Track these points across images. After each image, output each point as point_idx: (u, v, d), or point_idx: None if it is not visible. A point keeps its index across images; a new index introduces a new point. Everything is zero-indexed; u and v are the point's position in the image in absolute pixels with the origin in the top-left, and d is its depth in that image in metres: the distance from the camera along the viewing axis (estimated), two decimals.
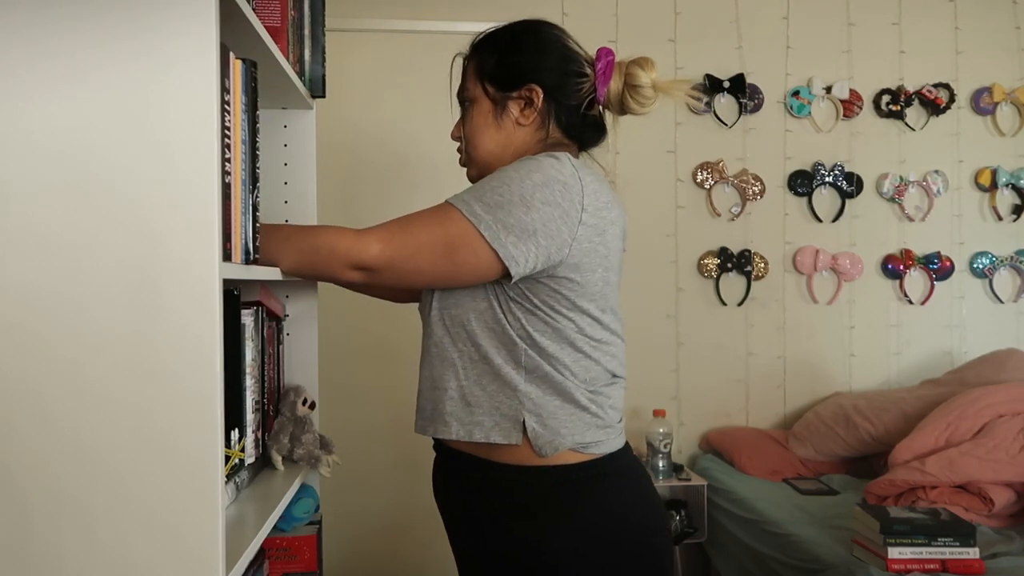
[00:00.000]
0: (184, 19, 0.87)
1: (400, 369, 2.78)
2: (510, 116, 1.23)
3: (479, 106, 1.24)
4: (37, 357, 0.87)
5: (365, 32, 2.77)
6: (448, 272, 1.12)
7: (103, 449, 0.87)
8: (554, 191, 1.10)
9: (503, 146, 1.24)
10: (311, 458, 1.45)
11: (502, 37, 1.26)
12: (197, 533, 0.88)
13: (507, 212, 1.08)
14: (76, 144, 0.86)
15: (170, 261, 0.87)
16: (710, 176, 2.91)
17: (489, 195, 1.10)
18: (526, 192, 1.09)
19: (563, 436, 1.14)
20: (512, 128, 1.23)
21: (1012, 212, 3.03)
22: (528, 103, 1.22)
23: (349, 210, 2.73)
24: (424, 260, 1.12)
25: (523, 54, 1.23)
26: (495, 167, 1.22)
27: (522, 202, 1.09)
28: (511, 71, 1.22)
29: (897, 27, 2.99)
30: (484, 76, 1.24)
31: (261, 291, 1.42)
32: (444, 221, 1.11)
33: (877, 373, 2.99)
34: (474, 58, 1.27)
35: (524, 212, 1.08)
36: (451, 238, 1.10)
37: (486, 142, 1.24)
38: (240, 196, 1.08)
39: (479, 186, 1.13)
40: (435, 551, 2.81)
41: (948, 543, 1.85)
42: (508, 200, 1.09)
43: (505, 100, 1.23)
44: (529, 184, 1.09)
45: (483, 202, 1.09)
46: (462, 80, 1.29)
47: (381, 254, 1.11)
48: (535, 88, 1.21)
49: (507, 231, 1.08)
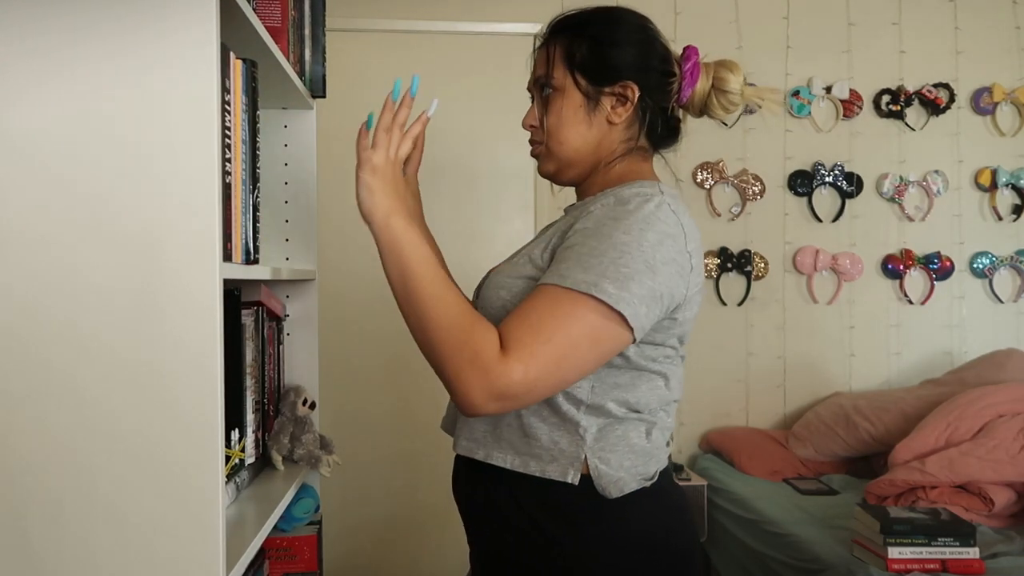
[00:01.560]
0: (184, 19, 0.87)
1: (401, 369, 2.78)
2: (602, 112, 1.12)
3: (568, 98, 1.12)
4: (37, 357, 0.87)
5: (365, 32, 2.77)
6: (592, 368, 1.00)
7: (103, 449, 0.87)
8: (669, 248, 1.00)
9: (592, 144, 1.13)
10: (311, 458, 1.45)
11: (595, 24, 1.14)
12: (197, 533, 0.88)
13: (639, 283, 0.96)
14: (76, 144, 0.86)
15: (170, 261, 0.87)
16: (710, 176, 2.91)
17: (613, 269, 0.96)
18: (648, 256, 0.98)
19: (628, 471, 1.05)
20: (604, 126, 1.13)
21: (1012, 212, 3.03)
22: (621, 100, 1.12)
23: (349, 210, 2.73)
24: (570, 368, 0.97)
25: (620, 47, 1.12)
26: (579, 165, 1.15)
27: (648, 268, 0.97)
28: (607, 64, 1.11)
29: (897, 27, 2.99)
30: (576, 66, 1.12)
31: (261, 291, 1.42)
32: (581, 314, 0.96)
33: (877, 373, 2.99)
34: (559, 43, 1.14)
35: (651, 279, 0.98)
36: (594, 331, 0.97)
37: (574, 138, 1.13)
38: (240, 196, 1.08)
39: (590, 255, 0.97)
40: (435, 551, 2.81)
41: (948, 543, 1.85)
42: (635, 270, 0.96)
43: (598, 95, 1.12)
44: (647, 246, 0.98)
45: (610, 278, 0.95)
46: (545, 66, 1.15)
47: (524, 378, 0.93)
48: (631, 86, 1.11)
49: (640, 303, 0.97)
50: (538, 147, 1.18)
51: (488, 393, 0.94)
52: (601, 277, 0.96)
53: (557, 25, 1.17)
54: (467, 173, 2.78)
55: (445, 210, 2.82)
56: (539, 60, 1.18)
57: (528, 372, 0.93)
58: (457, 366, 0.95)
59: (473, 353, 0.94)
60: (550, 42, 1.16)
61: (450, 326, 0.97)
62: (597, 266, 0.96)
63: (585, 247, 0.99)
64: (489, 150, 2.81)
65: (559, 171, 1.17)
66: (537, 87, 1.17)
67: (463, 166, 2.79)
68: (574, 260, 0.98)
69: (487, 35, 2.79)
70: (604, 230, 0.99)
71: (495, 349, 0.94)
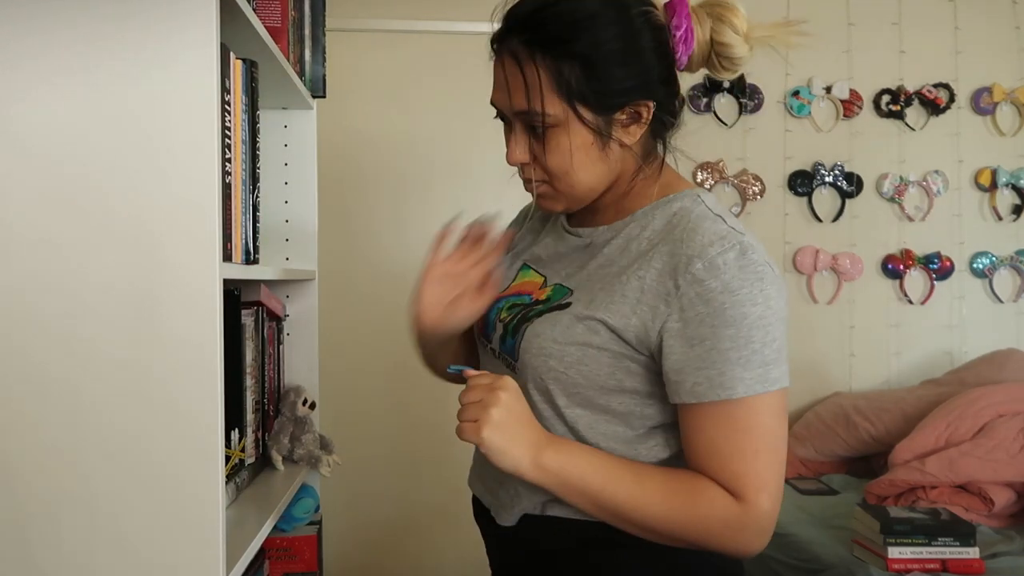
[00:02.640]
0: (184, 19, 0.87)
1: (401, 369, 2.78)
2: (615, 140, 0.94)
3: (571, 134, 0.92)
4: (36, 357, 0.87)
5: (365, 32, 2.77)
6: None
7: (103, 448, 0.87)
8: (779, 285, 0.92)
9: (609, 178, 0.97)
10: (311, 458, 1.45)
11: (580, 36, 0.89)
12: (197, 533, 0.88)
13: (784, 343, 0.92)
14: (76, 144, 0.86)
15: (170, 261, 0.87)
16: (710, 176, 2.91)
17: (769, 349, 0.89)
18: (778, 311, 0.90)
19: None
20: (618, 154, 0.95)
21: (1012, 212, 3.03)
22: (633, 119, 0.94)
23: (350, 210, 2.73)
24: (783, 456, 0.91)
25: (629, 64, 0.91)
26: (591, 196, 0.98)
27: (781, 322, 0.91)
28: (612, 88, 0.91)
29: (897, 27, 2.99)
30: (575, 96, 0.90)
31: (261, 291, 1.42)
32: (766, 412, 0.89)
33: (877, 373, 2.99)
34: (542, 67, 0.90)
35: (785, 327, 0.92)
36: (779, 416, 0.91)
37: (589, 178, 0.95)
38: (240, 196, 1.08)
39: (737, 349, 0.87)
40: (435, 550, 2.81)
41: (948, 543, 1.85)
42: (780, 335, 0.91)
43: (609, 125, 0.93)
44: (774, 302, 0.90)
45: (771, 362, 0.89)
46: (525, 95, 0.91)
47: (771, 501, 0.88)
48: (646, 104, 0.93)
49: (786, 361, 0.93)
50: (541, 186, 0.98)
51: (759, 539, 0.90)
52: (764, 368, 0.88)
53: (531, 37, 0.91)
54: (467, 173, 2.78)
55: (445, 210, 2.82)
56: (514, 85, 0.93)
57: (770, 494, 0.88)
58: (720, 544, 0.90)
59: (723, 526, 0.89)
60: (525, 63, 0.91)
61: (684, 524, 0.90)
62: (752, 357, 0.88)
63: (723, 340, 0.87)
64: (489, 150, 2.80)
65: (569, 207, 1.00)
66: (520, 119, 0.94)
67: (463, 166, 2.79)
68: (722, 361, 0.87)
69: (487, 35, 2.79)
70: (729, 312, 0.87)
71: (732, 505, 0.88)
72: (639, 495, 0.90)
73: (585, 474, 0.90)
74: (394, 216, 2.80)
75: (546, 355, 0.95)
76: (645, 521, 0.90)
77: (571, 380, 0.94)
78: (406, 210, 2.81)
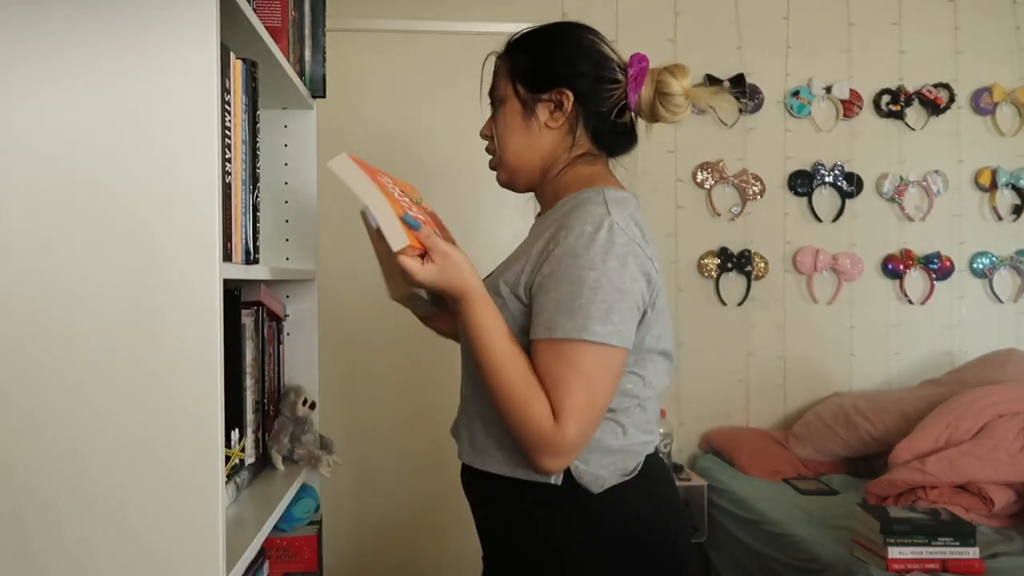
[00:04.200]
0: (184, 19, 0.87)
1: (401, 369, 2.78)
2: (538, 119, 1.21)
3: (509, 107, 1.23)
4: (37, 356, 0.87)
5: (365, 32, 2.77)
6: (615, 389, 1.10)
7: (103, 448, 0.87)
8: (632, 265, 1.08)
9: (531, 150, 1.23)
10: (311, 458, 1.45)
11: (536, 38, 1.25)
12: (197, 533, 0.88)
13: (618, 311, 1.06)
14: (76, 144, 0.86)
15: (170, 261, 0.87)
16: (710, 176, 2.91)
17: (593, 307, 1.05)
18: (617, 283, 1.06)
19: (607, 469, 1.12)
20: (540, 131, 1.22)
21: (1012, 212, 3.03)
22: (558, 106, 1.20)
23: (349, 210, 2.73)
24: (601, 403, 1.07)
25: (555, 57, 1.21)
26: (525, 171, 1.24)
27: (621, 293, 1.06)
28: (542, 73, 1.21)
29: (897, 27, 2.99)
30: (516, 77, 1.23)
31: (261, 291, 1.42)
32: (584, 358, 1.05)
33: (877, 373, 2.99)
34: (508, 58, 1.25)
35: (626, 300, 1.07)
36: (600, 366, 1.06)
37: (515, 144, 1.23)
38: (240, 196, 1.08)
39: (568, 300, 1.06)
40: (435, 551, 2.81)
41: (948, 543, 1.85)
42: (612, 300, 1.05)
43: (535, 102, 1.21)
44: (614, 274, 1.06)
45: (593, 317, 1.04)
46: (494, 79, 1.28)
47: (577, 435, 1.05)
48: (565, 92, 1.19)
49: (623, 324, 1.07)
50: (492, 159, 1.28)
51: (554, 460, 1.06)
52: (586, 319, 1.04)
53: (509, 42, 1.26)
54: (467, 173, 2.78)
55: (445, 210, 2.81)
56: (493, 76, 1.27)
57: (578, 424, 1.04)
58: (524, 442, 1.07)
59: (534, 431, 1.05)
60: (503, 58, 1.26)
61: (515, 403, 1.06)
62: (579, 309, 1.05)
63: (560, 292, 1.06)
64: None
65: (510, 179, 1.27)
66: (491, 101, 1.28)
67: (463, 166, 2.79)
68: (554, 308, 1.06)
69: (487, 35, 2.79)
70: (571, 271, 1.06)
71: (549, 421, 1.04)
72: (510, 357, 1.07)
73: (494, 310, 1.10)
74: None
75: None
76: (500, 378, 1.07)
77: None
78: None
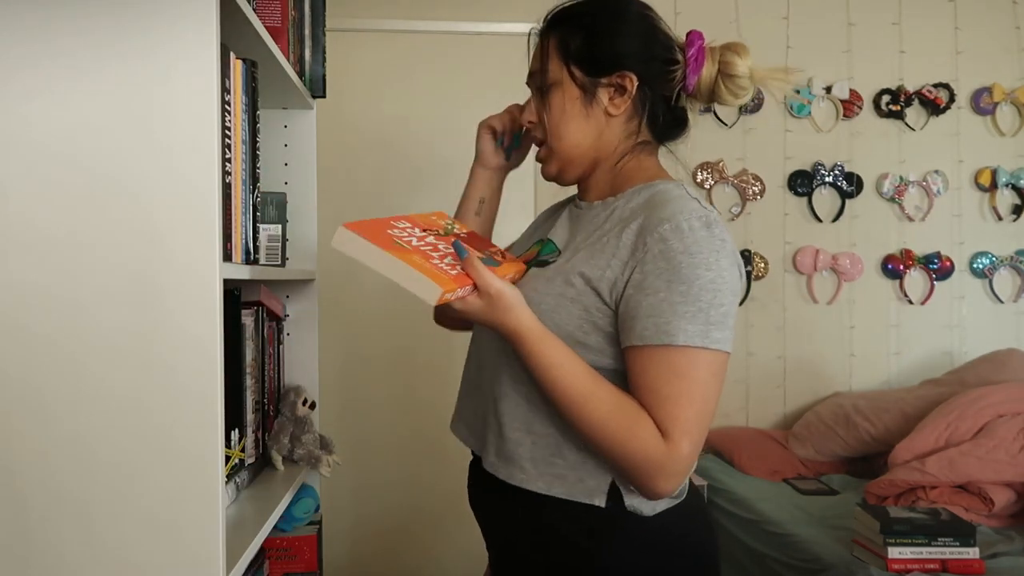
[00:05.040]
0: (184, 19, 0.87)
1: (401, 369, 2.78)
2: (600, 104, 1.10)
3: (564, 91, 1.10)
4: (38, 357, 0.87)
5: (365, 32, 2.77)
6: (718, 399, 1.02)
7: (103, 449, 0.87)
8: (734, 262, 1.01)
9: (592, 138, 1.11)
10: (311, 458, 1.45)
11: (589, 13, 1.12)
12: (197, 533, 0.88)
13: (731, 314, 1.00)
14: (77, 144, 0.86)
15: (171, 261, 0.87)
16: (710, 176, 2.91)
17: (713, 312, 0.97)
18: (731, 284, 0.99)
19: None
20: (602, 119, 1.11)
21: (1012, 212, 3.03)
22: (619, 91, 1.09)
23: (349, 211, 2.73)
24: (710, 413, 0.99)
25: (616, 36, 1.09)
26: (580, 162, 1.13)
27: (733, 294, 1.00)
28: (602, 54, 1.09)
29: (897, 27, 2.99)
30: (570, 57, 1.10)
31: (261, 291, 1.42)
32: (702, 367, 0.97)
33: (877, 373, 2.99)
34: (554, 35, 1.12)
35: (736, 301, 1.01)
36: (715, 376, 0.98)
37: (573, 133, 1.11)
38: (240, 196, 1.08)
39: (685, 304, 0.96)
40: (435, 551, 2.81)
41: (948, 543, 1.85)
42: (728, 304, 0.98)
43: (595, 87, 1.09)
44: (727, 274, 0.99)
45: (714, 323, 0.97)
46: (539, 60, 1.14)
47: (692, 451, 0.97)
48: (629, 75, 1.08)
49: (733, 329, 1.00)
50: (542, 149, 1.17)
51: (670, 481, 0.97)
52: (707, 326, 0.96)
53: (553, 17, 1.14)
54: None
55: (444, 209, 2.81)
56: (535, 55, 1.16)
57: (692, 441, 0.96)
58: (635, 472, 0.98)
59: (644, 458, 0.96)
60: (545, 35, 1.14)
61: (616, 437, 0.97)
62: (697, 314, 0.96)
63: (675, 294, 0.96)
64: None
65: (562, 171, 1.15)
66: (534, 83, 1.16)
67: (463, 166, 2.78)
68: (668, 312, 0.96)
69: (487, 35, 2.79)
70: (684, 271, 0.97)
71: (660, 444, 0.96)
72: (592, 390, 0.99)
73: (556, 345, 1.00)
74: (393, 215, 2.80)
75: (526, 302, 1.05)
76: (585, 414, 0.98)
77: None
78: (405, 209, 2.81)
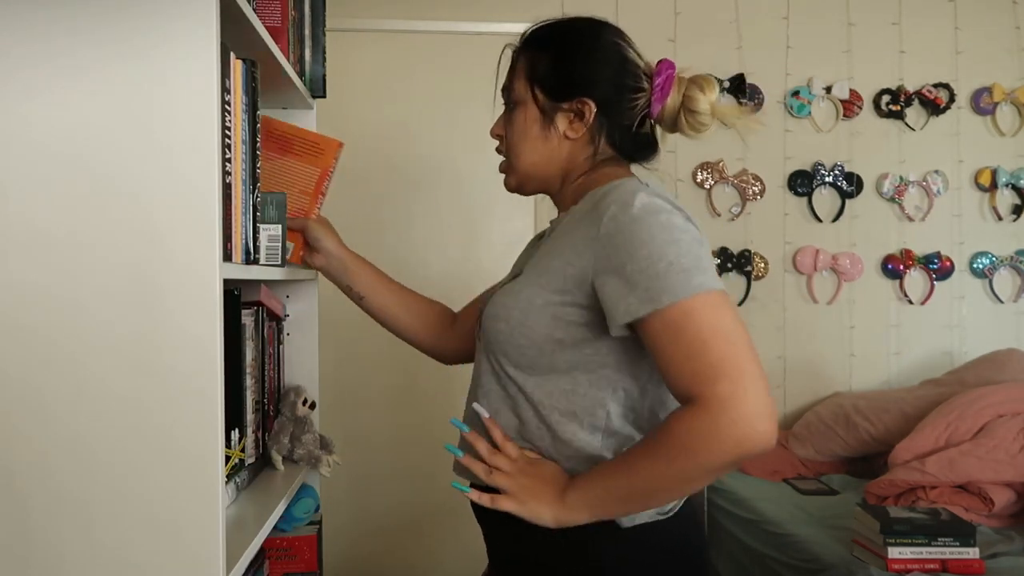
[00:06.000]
0: (184, 19, 0.87)
1: (401, 370, 2.78)
2: (557, 129, 1.13)
3: (527, 111, 1.14)
4: (37, 357, 0.87)
5: (365, 32, 2.77)
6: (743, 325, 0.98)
7: (103, 449, 0.87)
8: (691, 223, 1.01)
9: (547, 159, 1.15)
10: (311, 458, 1.45)
11: (558, 37, 1.15)
12: (197, 533, 0.88)
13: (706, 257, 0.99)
14: (77, 144, 0.86)
15: (171, 261, 0.87)
16: (710, 176, 2.91)
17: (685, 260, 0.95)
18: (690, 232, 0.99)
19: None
20: (559, 142, 1.13)
21: (1012, 212, 3.03)
22: (578, 116, 1.12)
23: (349, 210, 2.73)
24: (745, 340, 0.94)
25: (580, 63, 1.12)
26: (536, 180, 1.17)
27: (696, 243, 0.98)
28: (564, 80, 1.12)
29: (897, 27, 2.99)
30: (535, 79, 1.13)
31: (261, 291, 1.42)
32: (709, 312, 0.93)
33: (877, 373, 2.99)
34: (525, 55, 1.16)
35: (704, 247, 1.00)
36: (722, 312, 0.94)
37: (530, 152, 1.15)
38: (240, 196, 1.08)
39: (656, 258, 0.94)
40: (435, 551, 2.81)
41: (948, 543, 1.85)
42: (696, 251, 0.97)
43: (554, 111, 1.12)
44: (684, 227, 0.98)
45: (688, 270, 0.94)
46: (509, 76, 1.18)
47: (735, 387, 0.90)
48: (587, 102, 1.11)
49: (714, 269, 0.99)
50: (503, 163, 1.21)
51: (744, 425, 0.89)
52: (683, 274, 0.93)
53: (527, 36, 1.17)
54: (467, 173, 2.78)
55: (445, 210, 2.82)
56: (509, 70, 1.19)
57: (731, 379, 0.90)
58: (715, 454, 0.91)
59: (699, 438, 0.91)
60: (518, 54, 1.17)
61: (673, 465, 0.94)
62: (669, 269, 0.94)
63: (640, 260, 0.95)
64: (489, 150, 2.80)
65: (520, 185, 1.20)
66: (504, 97, 1.20)
67: (463, 166, 2.79)
68: (644, 279, 0.94)
69: (487, 35, 2.79)
70: (640, 235, 0.96)
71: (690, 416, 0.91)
72: (636, 477, 0.97)
73: (600, 494, 1.00)
74: (394, 215, 2.80)
75: (495, 318, 1.08)
76: (651, 487, 0.97)
77: (516, 343, 1.05)
78: (406, 209, 2.81)
